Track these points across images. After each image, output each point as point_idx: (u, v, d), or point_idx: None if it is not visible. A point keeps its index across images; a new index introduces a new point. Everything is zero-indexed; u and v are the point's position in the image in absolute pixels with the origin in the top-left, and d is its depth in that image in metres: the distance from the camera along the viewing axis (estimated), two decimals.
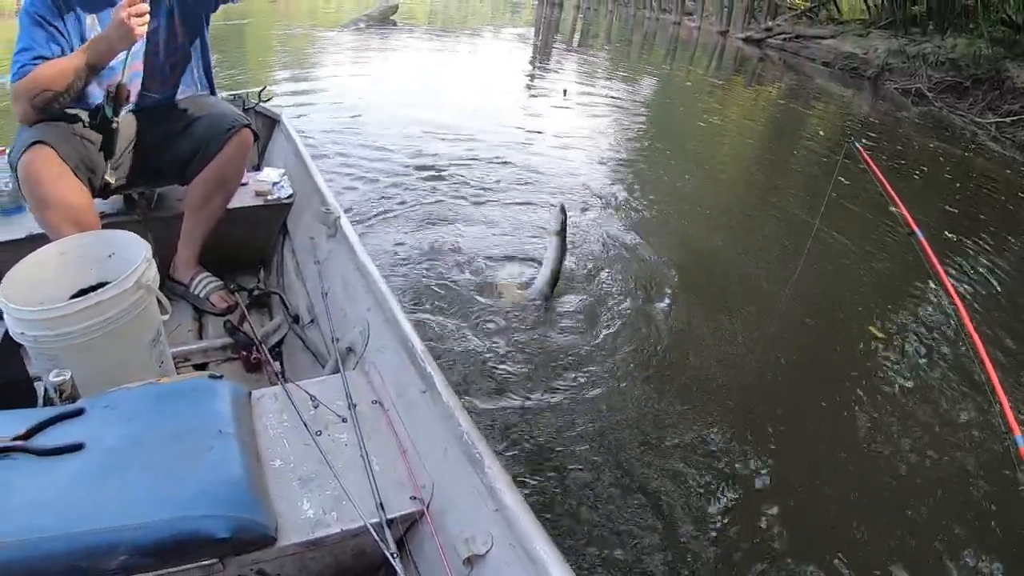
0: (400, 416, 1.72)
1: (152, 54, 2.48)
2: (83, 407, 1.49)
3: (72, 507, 1.28)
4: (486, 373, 3.30)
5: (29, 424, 1.42)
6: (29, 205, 2.24)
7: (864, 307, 4.12)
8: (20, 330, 1.71)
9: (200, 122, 2.55)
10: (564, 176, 6.29)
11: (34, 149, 2.13)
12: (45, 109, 2.24)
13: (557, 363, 3.38)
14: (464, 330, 3.55)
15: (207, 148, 2.52)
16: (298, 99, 8.49)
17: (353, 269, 2.30)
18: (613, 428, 3.00)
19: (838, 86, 14.61)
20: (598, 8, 33.60)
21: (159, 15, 2.42)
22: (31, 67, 2.20)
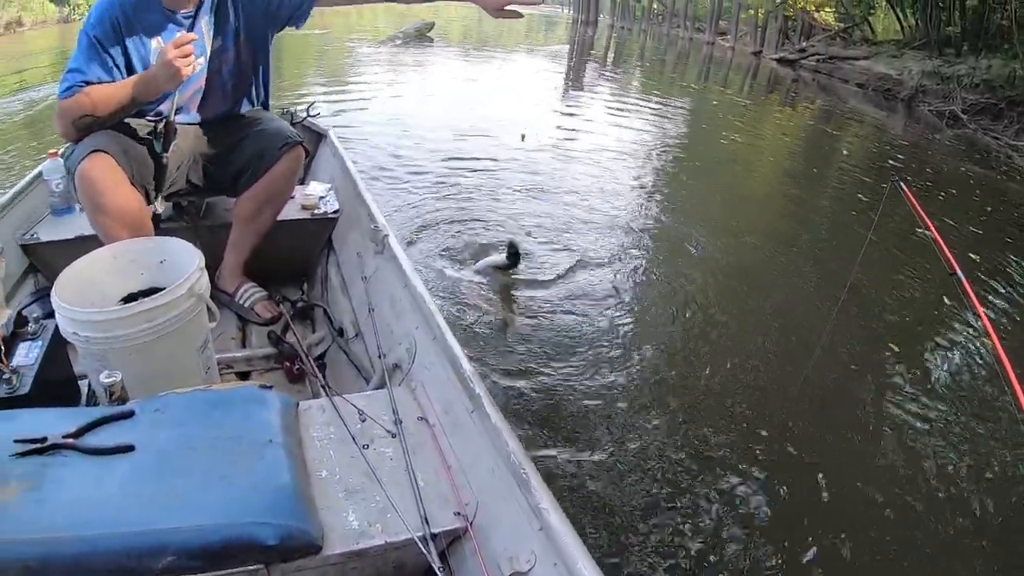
0: (446, 433, 1.73)
1: (216, 72, 2.52)
2: (133, 409, 1.52)
3: (122, 506, 1.32)
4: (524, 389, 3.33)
5: (79, 423, 1.45)
6: (86, 210, 2.28)
7: (903, 347, 4.08)
8: (72, 330, 1.75)
9: (255, 137, 2.59)
10: (597, 195, 6.32)
11: (94, 156, 2.17)
12: (86, 130, 2.28)
13: (594, 383, 3.39)
14: (509, 352, 3.58)
15: (260, 162, 2.56)
16: (335, 112, 8.59)
17: (401, 287, 2.32)
18: (654, 452, 3.01)
19: (872, 108, 14.51)
20: (632, 27, 33.62)
21: (225, 35, 2.47)
22: (78, 89, 2.24)
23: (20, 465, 1.35)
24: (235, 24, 2.47)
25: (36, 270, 2.80)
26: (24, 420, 1.49)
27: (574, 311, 4.02)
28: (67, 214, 2.89)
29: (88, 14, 2.33)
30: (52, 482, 1.34)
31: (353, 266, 2.76)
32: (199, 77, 2.49)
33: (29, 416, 1.53)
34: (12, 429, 1.42)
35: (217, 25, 2.44)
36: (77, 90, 2.24)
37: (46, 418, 1.51)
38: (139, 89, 2.24)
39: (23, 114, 9.73)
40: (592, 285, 4.38)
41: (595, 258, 4.81)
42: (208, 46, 2.45)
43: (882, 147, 10.32)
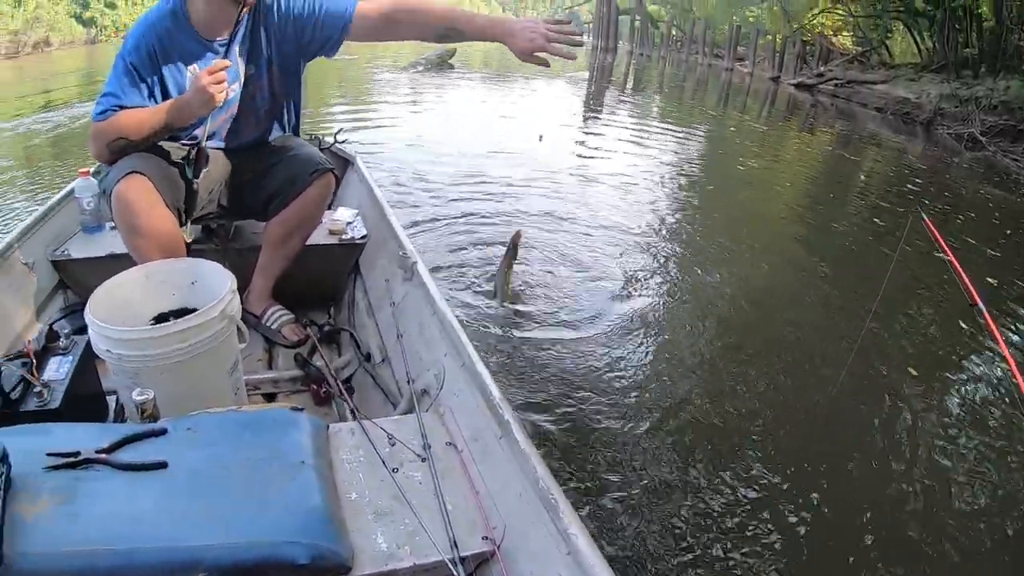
0: (474, 459, 1.74)
1: (249, 99, 2.55)
2: (166, 427, 1.53)
3: (155, 522, 1.32)
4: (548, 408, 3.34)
5: (111, 439, 1.46)
6: (120, 231, 2.30)
7: (925, 374, 4.02)
8: (106, 347, 1.76)
9: (286, 163, 2.62)
10: (618, 220, 6.33)
11: (130, 178, 2.19)
12: (120, 153, 2.31)
13: (619, 410, 3.38)
14: (534, 378, 3.58)
15: (290, 188, 2.58)
16: (358, 136, 8.65)
17: (430, 314, 2.32)
18: (679, 478, 3.00)
19: (891, 132, 14.49)
20: (651, 54, 33.76)
21: (258, 64, 2.50)
22: (112, 113, 2.28)
23: (53, 479, 1.36)
24: (268, 53, 2.50)
25: (66, 286, 2.84)
26: (56, 434, 1.50)
27: (597, 336, 4.01)
28: (97, 232, 2.95)
29: (124, 39, 2.37)
30: (85, 496, 1.34)
31: (381, 291, 2.78)
32: (232, 104, 2.52)
33: (61, 430, 1.53)
34: (45, 443, 1.42)
35: (250, 53, 2.47)
36: (111, 113, 2.28)
37: (78, 433, 1.52)
38: (173, 114, 2.28)
39: (52, 133, 9.94)
40: (613, 310, 4.38)
41: (616, 283, 4.80)
42: (241, 73, 2.49)
43: (901, 172, 10.29)
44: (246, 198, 2.70)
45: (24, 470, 1.34)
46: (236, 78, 2.47)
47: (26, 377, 1.78)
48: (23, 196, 6.71)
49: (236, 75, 2.47)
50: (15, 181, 7.36)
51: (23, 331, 2.49)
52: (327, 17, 2.43)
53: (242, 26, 2.40)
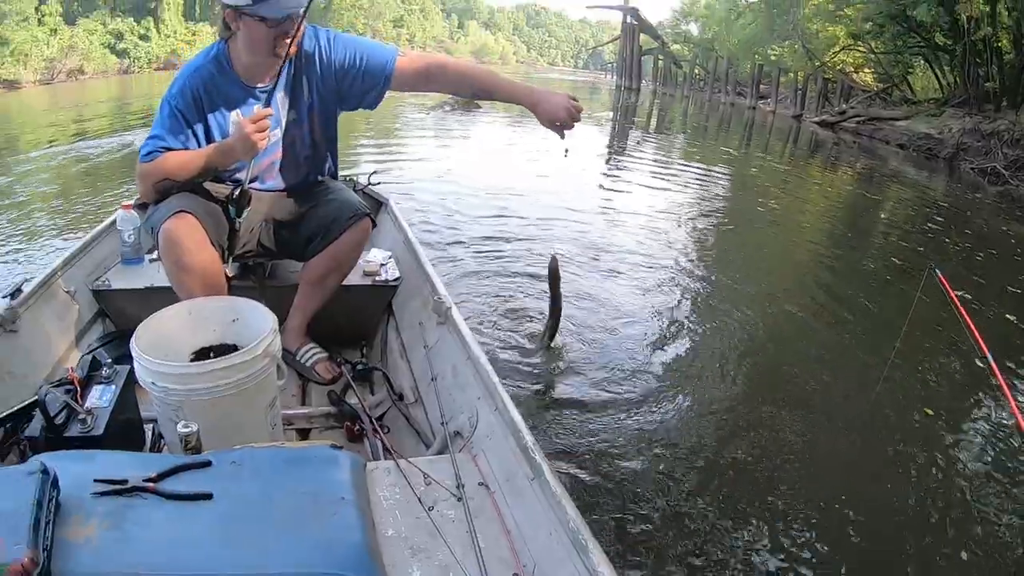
0: (506, 499, 1.76)
1: (290, 144, 2.63)
2: (210, 460, 1.56)
3: (200, 551, 1.34)
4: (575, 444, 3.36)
5: (158, 468, 1.49)
6: (166, 266, 2.37)
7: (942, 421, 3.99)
8: (151, 380, 1.80)
9: (325, 206, 2.67)
10: (641, 260, 6.37)
11: (178, 217, 2.27)
12: (165, 193, 2.39)
13: (647, 453, 3.38)
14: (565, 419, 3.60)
15: (329, 231, 2.63)
16: (387, 176, 8.76)
17: (464, 359, 2.35)
18: (705, 521, 2.99)
19: (913, 169, 14.50)
20: (674, 93, 33.92)
21: (299, 110, 2.58)
22: (158, 154, 2.37)
23: (102, 504, 1.38)
24: (309, 100, 2.58)
25: (105, 314, 2.92)
26: (102, 461, 1.52)
27: (624, 380, 4.01)
28: (136, 264, 3.06)
29: (171, 84, 2.45)
30: (133, 523, 1.36)
31: (414, 333, 2.82)
32: (274, 148, 2.60)
33: (107, 457, 1.56)
34: (92, 469, 1.45)
35: (292, 100, 2.55)
36: (157, 155, 2.37)
37: (124, 461, 1.55)
38: (217, 158, 2.38)
39: (85, 164, 10.29)
40: (640, 353, 4.38)
41: (643, 326, 4.81)
42: (283, 119, 2.57)
43: (922, 210, 10.27)
44: (286, 238, 2.77)
45: (73, 494, 1.37)
46: (277, 124, 2.55)
47: (70, 403, 1.82)
48: (55, 222, 6.94)
49: (278, 121, 2.55)
50: (48, 208, 7.61)
51: (63, 357, 2.56)
52: (368, 70, 2.53)
53: (284, 74, 2.47)
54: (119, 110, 21.57)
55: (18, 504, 1.27)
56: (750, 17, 32.91)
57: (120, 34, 49.57)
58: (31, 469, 1.33)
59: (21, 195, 8.32)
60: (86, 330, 2.80)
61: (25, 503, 1.27)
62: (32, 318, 2.47)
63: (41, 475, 1.32)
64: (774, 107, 29.74)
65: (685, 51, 47.69)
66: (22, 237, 6.33)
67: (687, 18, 62.17)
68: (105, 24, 48.79)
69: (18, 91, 33.60)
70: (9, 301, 2.38)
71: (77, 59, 42.27)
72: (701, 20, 53.93)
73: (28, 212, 7.36)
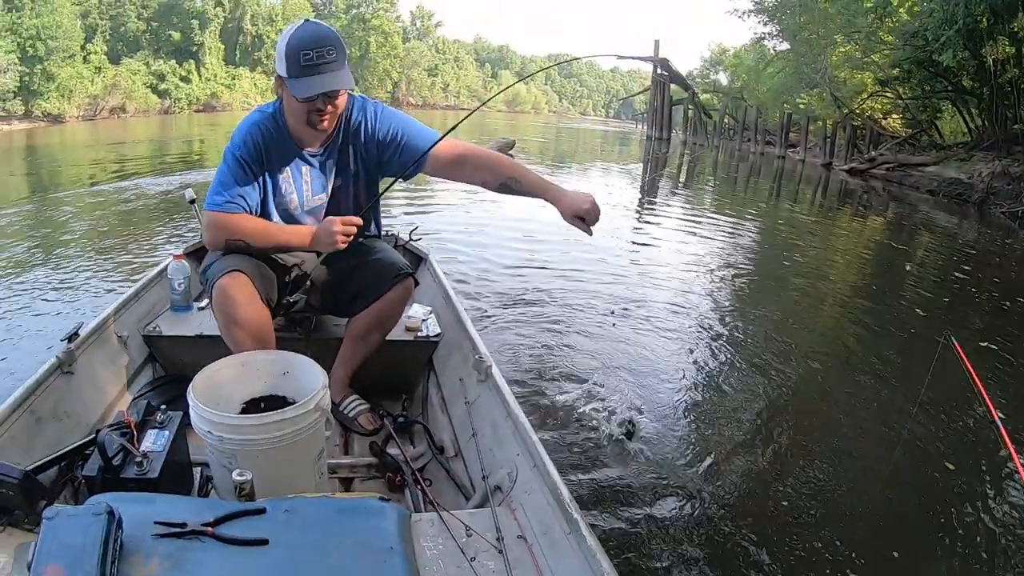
0: (544, 552, 1.81)
1: (335, 208, 2.76)
2: (264, 507, 1.64)
3: None
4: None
5: (215, 513, 1.57)
6: (219, 319, 2.48)
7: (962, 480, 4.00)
8: (207, 428, 1.87)
9: (370, 266, 2.79)
10: (671, 313, 6.42)
11: (232, 275, 2.41)
12: (236, 249, 2.53)
13: (680, 511, 3.40)
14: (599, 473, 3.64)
15: (374, 289, 2.75)
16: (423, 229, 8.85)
17: (504, 416, 2.41)
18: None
19: (944, 215, 14.42)
20: (704, 142, 33.91)
21: (345, 176, 2.73)
22: (233, 207, 2.50)
23: (163, 545, 1.46)
24: (354, 168, 2.72)
25: (155, 359, 3.04)
26: (162, 504, 1.61)
27: (659, 435, 4.03)
28: (185, 311, 3.22)
29: (232, 135, 2.56)
30: (191, 564, 1.44)
31: (455, 389, 2.89)
32: (320, 212, 2.74)
33: (166, 501, 1.64)
34: (152, 511, 1.53)
35: (338, 167, 2.70)
36: (232, 209, 2.50)
37: (182, 504, 1.63)
38: (295, 241, 2.58)
39: (128, 204, 10.70)
40: (673, 406, 4.43)
41: (675, 379, 4.85)
42: (329, 185, 2.71)
43: (951, 258, 10.19)
44: (333, 297, 2.89)
45: (135, 534, 1.46)
46: (323, 189, 2.70)
47: (126, 446, 1.91)
48: (94, 262, 7.20)
49: (323, 187, 2.70)
50: (88, 247, 7.84)
51: (115, 399, 2.67)
52: (407, 149, 2.65)
53: (333, 143, 2.63)
54: (158, 150, 22.01)
55: (86, 542, 1.35)
56: (778, 65, 32.94)
57: (162, 75, 50.80)
58: (97, 510, 1.41)
59: (63, 232, 8.62)
60: (137, 373, 2.91)
61: (92, 542, 1.35)
62: (87, 361, 2.57)
63: (107, 515, 1.40)
64: (803, 155, 29.71)
65: (714, 100, 47.80)
66: (63, 276, 6.56)
67: (716, 67, 62.67)
68: (148, 65, 50.13)
69: (61, 125, 34.37)
70: (67, 344, 2.49)
71: (120, 97, 43.33)
72: (730, 69, 54.26)
73: (68, 251, 7.63)
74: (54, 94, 36.46)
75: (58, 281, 6.41)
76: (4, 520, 1.73)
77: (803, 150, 30.10)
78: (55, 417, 2.28)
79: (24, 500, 1.72)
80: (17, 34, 33.89)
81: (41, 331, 5.07)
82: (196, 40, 56.37)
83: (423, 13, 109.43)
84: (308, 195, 2.68)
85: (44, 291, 6.08)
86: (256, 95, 63.24)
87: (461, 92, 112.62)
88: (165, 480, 1.91)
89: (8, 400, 2.12)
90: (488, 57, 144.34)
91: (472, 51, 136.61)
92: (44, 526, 1.38)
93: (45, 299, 5.86)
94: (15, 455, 1.96)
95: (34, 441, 2.12)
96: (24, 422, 2.12)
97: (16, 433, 2.07)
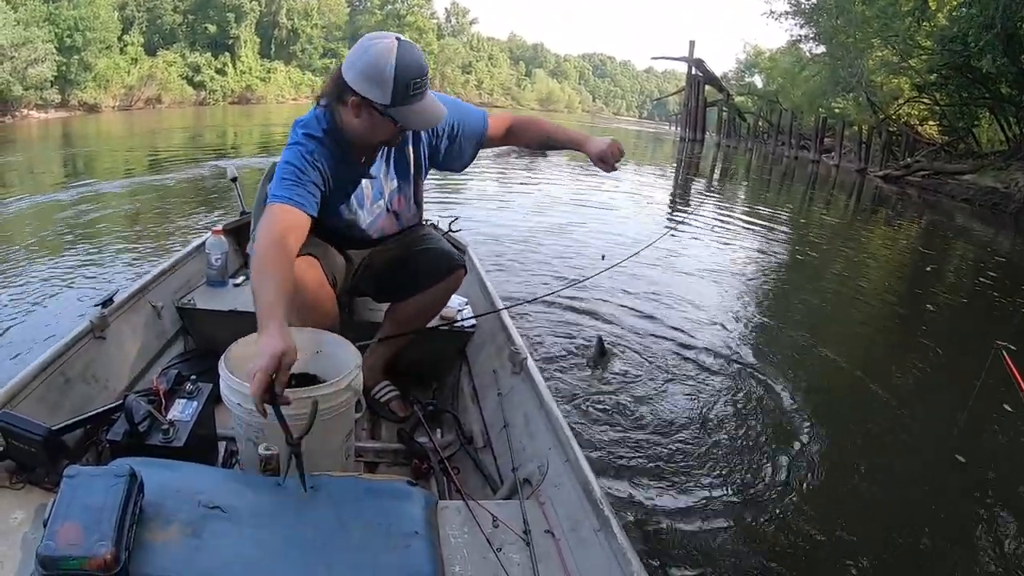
0: (571, 548, 1.78)
1: (395, 210, 2.73)
2: (289, 483, 1.64)
3: (273, 569, 1.42)
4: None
5: (239, 484, 1.57)
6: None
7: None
8: (237, 401, 1.85)
9: (423, 256, 2.77)
10: (703, 315, 6.38)
11: (303, 259, 2.35)
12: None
13: (712, 509, 3.37)
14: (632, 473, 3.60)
15: (424, 279, 2.74)
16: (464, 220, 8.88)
17: (536, 407, 2.39)
18: None
19: (979, 224, 14.26)
20: (737, 145, 33.74)
21: (401, 178, 2.68)
22: (292, 205, 2.24)
23: (184, 512, 1.46)
24: (414, 167, 2.69)
25: (187, 332, 3.06)
26: (186, 472, 1.60)
27: (693, 437, 4.00)
28: (221, 287, 3.24)
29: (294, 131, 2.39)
30: (211, 534, 1.44)
31: (487, 380, 2.88)
32: (381, 216, 2.70)
33: (190, 469, 1.64)
34: (176, 477, 1.53)
35: (396, 170, 2.65)
36: (291, 205, 2.24)
37: (206, 474, 1.63)
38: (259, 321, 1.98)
39: (161, 191, 10.84)
40: (707, 408, 4.37)
41: (712, 381, 4.80)
42: (386, 189, 2.66)
43: (987, 271, 10.03)
44: (384, 284, 2.88)
45: (156, 500, 1.45)
46: (380, 196, 2.65)
47: (153, 413, 1.91)
48: (130, 244, 7.33)
49: (380, 192, 2.64)
50: (123, 231, 7.98)
51: (145, 368, 2.70)
52: (465, 135, 2.67)
53: (390, 149, 2.58)
54: (192, 141, 22.19)
55: (105, 502, 1.34)
56: (814, 69, 32.64)
57: (198, 67, 51.26)
58: (120, 471, 1.41)
59: (99, 216, 8.74)
60: (168, 345, 2.93)
61: (112, 503, 1.35)
62: (120, 328, 2.60)
63: (129, 478, 1.40)
64: (838, 160, 29.51)
65: (749, 103, 47.57)
66: (96, 255, 6.69)
67: (751, 69, 62.31)
68: (184, 57, 50.63)
69: (97, 115, 34.71)
70: (101, 309, 2.50)
71: (155, 88, 43.76)
72: (765, 72, 53.92)
73: (103, 233, 7.74)
74: (91, 84, 36.82)
75: (101, 254, 6.64)
76: (25, 477, 1.74)
77: (838, 155, 29.89)
78: (84, 380, 2.29)
79: (47, 458, 1.72)
80: (55, 24, 34.21)
81: (81, 299, 5.23)
82: (232, 33, 56.69)
83: (458, 10, 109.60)
84: (369, 205, 2.63)
85: (86, 263, 6.28)
86: (290, 88, 63.93)
87: (495, 90, 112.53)
88: (191, 450, 1.89)
89: (38, 359, 2.13)
90: (522, 55, 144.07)
91: (506, 49, 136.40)
92: (64, 484, 1.38)
93: (84, 274, 6.00)
94: (41, 413, 1.96)
95: (62, 402, 2.13)
96: (53, 382, 2.13)
97: (44, 393, 2.08)
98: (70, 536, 1.28)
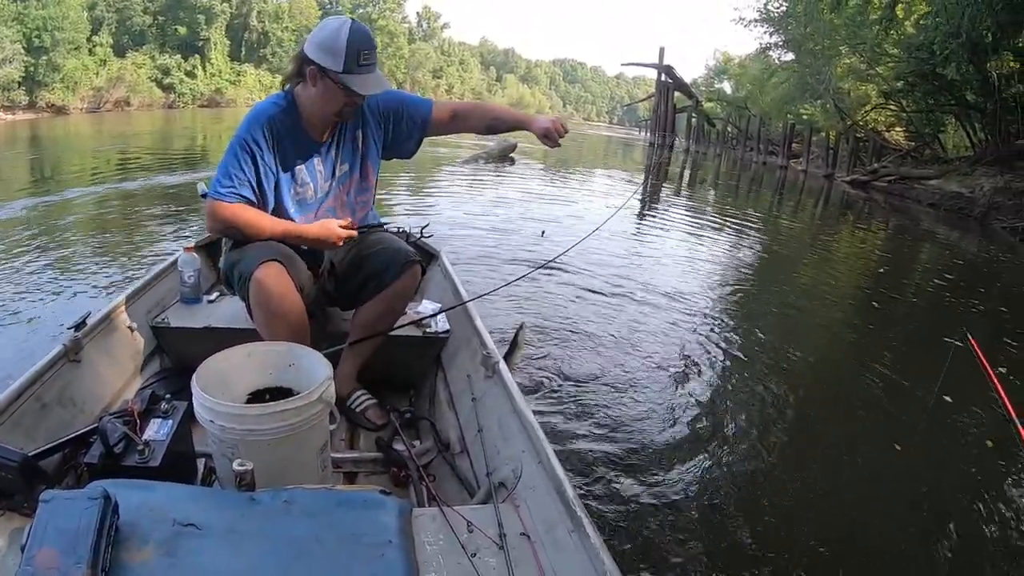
0: (545, 549, 1.80)
1: (344, 193, 2.82)
2: (263, 497, 1.65)
3: None
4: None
5: (213, 502, 1.58)
6: (255, 311, 2.50)
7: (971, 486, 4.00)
8: (210, 418, 1.87)
9: (377, 255, 2.82)
10: (676, 317, 6.43)
11: (269, 265, 2.42)
12: (232, 239, 2.63)
13: (685, 505, 3.41)
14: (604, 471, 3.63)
15: (381, 279, 2.78)
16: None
17: (509, 411, 2.41)
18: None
19: (945, 228, 14.42)
20: (707, 151, 33.92)
21: (352, 162, 2.79)
22: (233, 200, 2.51)
23: (158, 532, 1.47)
24: (361, 151, 2.79)
25: (163, 350, 3.05)
26: (160, 492, 1.61)
27: (666, 439, 4.02)
28: (195, 304, 3.22)
29: (240, 126, 2.57)
30: (186, 552, 1.45)
31: (462, 385, 2.89)
32: (330, 196, 2.78)
33: (164, 488, 1.64)
34: (150, 498, 1.54)
35: (345, 153, 2.75)
36: (232, 200, 2.51)
37: (180, 493, 1.63)
38: (292, 237, 2.60)
39: (130, 198, 10.81)
40: (680, 410, 4.40)
41: (682, 387, 4.81)
42: (336, 171, 2.75)
43: (953, 271, 10.18)
44: (343, 285, 2.93)
45: (131, 521, 1.46)
46: (332, 176, 2.75)
47: (129, 434, 1.92)
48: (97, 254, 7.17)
49: (332, 173, 2.74)
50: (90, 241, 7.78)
51: (121, 388, 2.68)
52: (409, 117, 2.82)
53: (340, 130, 2.70)
54: (161, 143, 22.06)
55: (80, 526, 1.35)
56: (783, 76, 32.95)
57: (167, 69, 51.00)
58: (93, 495, 1.42)
59: (67, 224, 8.61)
60: (144, 364, 2.92)
61: (87, 526, 1.36)
62: (95, 350, 2.58)
63: (103, 500, 1.41)
64: (806, 166, 29.77)
65: (718, 109, 47.88)
66: (66, 269, 6.53)
67: (721, 76, 62.75)
68: (153, 59, 50.33)
69: (66, 117, 34.37)
70: (74, 333, 2.49)
71: (124, 90, 43.47)
72: (734, 78, 54.35)
73: (71, 243, 7.58)
74: (59, 85, 36.55)
75: (70, 269, 6.46)
76: (3, 504, 1.74)
77: (805, 161, 30.15)
78: (60, 404, 2.29)
79: (24, 484, 1.73)
80: (23, 24, 33.92)
81: (53, 317, 5.09)
82: (202, 35, 56.53)
83: (430, 14, 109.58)
84: (321, 183, 2.71)
85: (55, 279, 6.13)
86: (260, 92, 63.31)
87: (466, 95, 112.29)
88: (167, 469, 1.91)
89: (13, 385, 2.12)
90: (493, 60, 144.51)
91: (478, 53, 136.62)
92: (40, 509, 1.39)
93: (55, 289, 5.88)
94: (18, 440, 1.97)
95: (38, 427, 2.13)
96: (28, 408, 2.13)
97: (20, 419, 2.07)
98: (47, 560, 1.29)
